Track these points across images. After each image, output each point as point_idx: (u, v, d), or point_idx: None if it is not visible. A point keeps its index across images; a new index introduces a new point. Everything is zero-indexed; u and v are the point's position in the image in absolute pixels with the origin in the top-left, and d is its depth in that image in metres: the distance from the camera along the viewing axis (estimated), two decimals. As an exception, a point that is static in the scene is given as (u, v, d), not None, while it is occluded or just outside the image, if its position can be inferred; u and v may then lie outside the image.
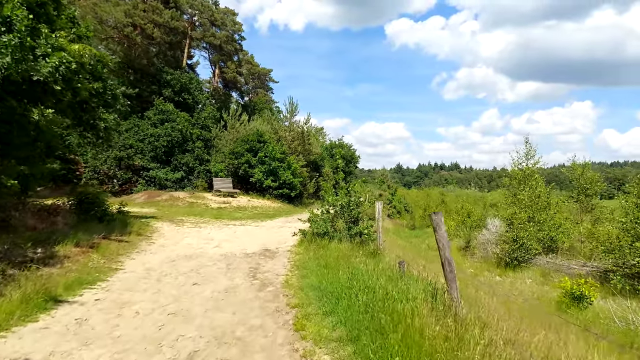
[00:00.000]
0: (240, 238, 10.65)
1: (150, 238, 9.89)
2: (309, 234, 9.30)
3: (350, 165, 37.76)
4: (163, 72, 25.35)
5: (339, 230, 9.23)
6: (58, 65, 7.39)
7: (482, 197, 42.41)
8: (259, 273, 6.73)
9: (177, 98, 25.31)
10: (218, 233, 11.39)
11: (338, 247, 8.05)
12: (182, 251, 8.48)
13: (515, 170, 14.49)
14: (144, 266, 6.95)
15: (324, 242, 8.69)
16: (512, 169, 14.83)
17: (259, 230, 12.43)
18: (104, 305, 4.83)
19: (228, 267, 7.13)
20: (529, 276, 10.02)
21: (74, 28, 10.62)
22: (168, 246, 8.99)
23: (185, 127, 24.24)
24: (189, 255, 8.04)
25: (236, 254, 8.44)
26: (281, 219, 16.69)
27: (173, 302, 5.04)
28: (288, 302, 5.03)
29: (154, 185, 23.53)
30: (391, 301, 3.82)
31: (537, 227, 10.60)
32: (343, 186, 9.71)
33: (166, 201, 20.51)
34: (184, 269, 6.80)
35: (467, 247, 12.92)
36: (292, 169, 24.19)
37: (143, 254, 8.01)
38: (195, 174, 24.59)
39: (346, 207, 9.17)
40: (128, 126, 24.15)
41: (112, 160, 22.92)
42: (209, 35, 33.61)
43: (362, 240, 8.78)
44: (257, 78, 45.31)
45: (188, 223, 13.34)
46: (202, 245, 9.26)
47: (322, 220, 9.29)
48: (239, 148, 23.92)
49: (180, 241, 9.75)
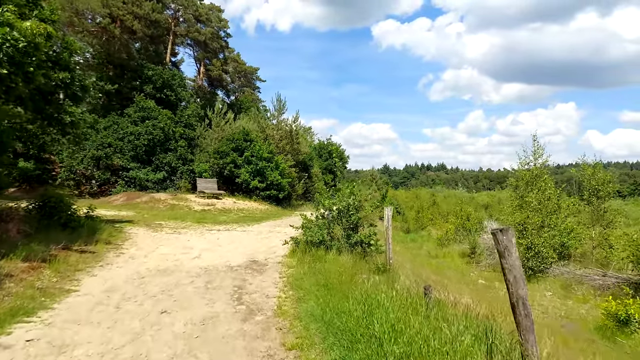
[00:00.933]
0: (223, 246, 9.39)
1: (120, 247, 8.56)
2: (302, 243, 8.11)
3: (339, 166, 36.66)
4: (144, 67, 23.81)
5: (337, 239, 8.07)
6: (1, 43, 6.06)
7: (471, 198, 41.78)
8: (245, 294, 5.51)
9: (159, 95, 23.80)
10: (199, 240, 10.10)
11: (337, 260, 6.88)
12: (155, 264, 7.19)
13: (522, 171, 13.54)
14: (105, 285, 5.65)
15: (320, 252, 7.51)
16: (519, 169, 13.86)
17: (246, 237, 11.17)
18: (35, 350, 3.55)
19: (208, 285, 5.89)
20: (547, 288, 9.02)
21: (36, 10, 9.21)
22: (139, 257, 7.69)
23: (168, 125, 22.77)
24: (163, 270, 6.76)
25: (218, 267, 7.19)
26: (269, 223, 15.44)
27: (131, 341, 3.80)
28: (283, 341, 3.83)
29: (134, 186, 22.01)
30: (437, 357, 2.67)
31: (552, 233, 9.63)
32: (342, 187, 8.54)
33: (146, 203, 19.05)
34: (154, 289, 5.53)
35: (472, 253, 11.91)
36: (280, 169, 22.93)
37: (107, 269, 6.70)
38: (178, 174, 23.14)
39: (345, 211, 8.01)
40: (107, 124, 22.56)
41: (88, 159, 21.32)
42: (194, 31, 32.10)
43: (365, 250, 7.63)
44: (244, 77, 43.87)
45: (167, 228, 12.00)
46: (179, 256, 7.98)
47: (317, 227, 8.10)
48: (224, 147, 22.54)
49: (154, 251, 8.44)
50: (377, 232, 7.80)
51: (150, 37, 25.59)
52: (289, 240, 8.36)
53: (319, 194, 8.37)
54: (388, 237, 5.95)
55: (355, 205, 7.98)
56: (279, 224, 15.02)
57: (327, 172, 33.67)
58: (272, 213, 19.96)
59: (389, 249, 5.83)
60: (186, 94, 25.91)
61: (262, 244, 9.94)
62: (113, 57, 23.57)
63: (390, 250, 5.92)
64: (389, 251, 5.87)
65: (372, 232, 7.64)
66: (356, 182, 8.57)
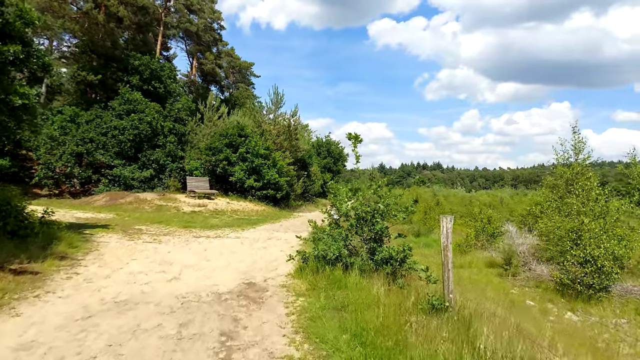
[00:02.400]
0: (212, 260, 7.41)
1: (78, 264, 6.55)
2: (311, 259, 6.17)
3: (339, 164, 34.73)
4: (130, 56, 21.68)
5: (357, 253, 6.15)
6: None
7: (471, 197, 40.09)
8: (236, 350, 3.56)
9: (146, 86, 21.66)
10: (182, 252, 8.11)
11: (363, 286, 4.97)
12: (115, 290, 5.21)
13: (561, 168, 11.67)
14: (23, 336, 3.66)
15: (337, 273, 5.58)
16: (558, 166, 11.99)
17: (239, 246, 9.20)
18: None
19: (182, 331, 3.92)
20: (617, 313, 7.16)
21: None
22: (97, 280, 5.69)
23: (156, 119, 20.65)
24: (124, 302, 4.79)
25: (202, 294, 5.23)
26: (267, 226, 13.48)
27: None
28: None
29: (118, 186, 19.90)
30: None
31: (613, 242, 7.79)
32: (364, 187, 6.65)
33: (130, 204, 16.98)
34: (97, 344, 3.56)
35: (507, 264, 10.02)
36: (277, 166, 20.95)
37: (44, 301, 4.70)
38: (167, 172, 21.04)
39: (369, 217, 6.09)
40: (89, 117, 20.42)
41: (68, 156, 19.16)
42: (185, 21, 29.98)
43: (395, 272, 5.70)
44: (238, 72, 41.81)
45: (147, 235, 10.00)
46: (152, 277, 6.01)
47: (332, 238, 6.17)
48: (217, 143, 20.50)
49: (122, 268, 6.45)
50: (410, 245, 5.88)
51: (137, 24, 23.43)
52: (295, 256, 6.42)
53: (333, 196, 6.31)
54: (447, 261, 3.97)
55: (383, 210, 6.06)
56: (277, 228, 13.08)
57: (325, 171, 31.73)
58: (270, 215, 17.98)
59: (448, 277, 3.90)
60: (176, 86, 23.78)
61: (259, 256, 7.98)
62: (97, 45, 21.39)
63: (450, 280, 3.96)
64: (449, 282, 3.93)
65: (408, 246, 5.71)
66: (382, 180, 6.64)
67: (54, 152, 19.31)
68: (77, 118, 20.19)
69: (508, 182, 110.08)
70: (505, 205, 34.57)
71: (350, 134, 6.44)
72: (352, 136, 6.45)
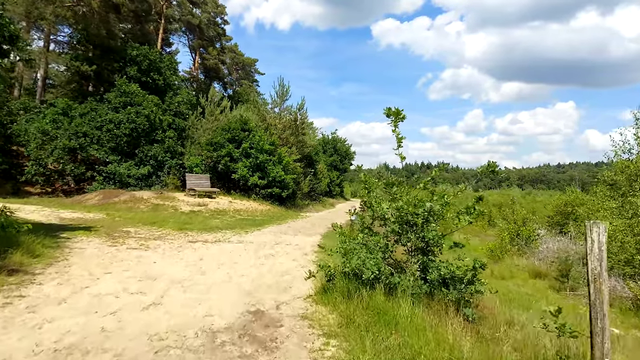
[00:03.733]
0: (207, 274, 5.74)
1: (29, 281, 4.88)
2: (338, 277, 4.51)
3: (345, 162, 32.99)
4: (127, 46, 20.04)
5: (401, 269, 4.48)
6: None
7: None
8: None
9: (144, 78, 20.02)
10: (171, 262, 6.45)
11: (427, 326, 3.29)
12: (63, 327, 3.54)
13: (623, 162, 9.90)
14: None
15: (378, 299, 3.90)
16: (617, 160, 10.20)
17: (243, 254, 7.53)
18: None
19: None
20: None
21: None
22: (44, 308, 4.02)
23: (154, 112, 19.00)
24: (67, 348, 3.11)
25: (188, 334, 3.56)
26: (273, 228, 11.82)
27: None
28: None
29: (113, 183, 18.27)
30: None
31: None
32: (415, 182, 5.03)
33: (125, 203, 15.35)
34: None
35: (564, 276, 8.31)
36: (283, 163, 19.27)
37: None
38: (166, 169, 19.38)
39: (419, 221, 4.42)
40: (83, 110, 18.79)
41: (59, 151, 17.56)
42: (187, 14, 28.35)
43: (461, 297, 4.02)
44: (242, 69, 40.15)
45: (134, 239, 8.34)
46: (123, 302, 4.33)
47: (366, 249, 4.50)
48: (218, 138, 18.84)
49: (86, 288, 4.78)
50: (483, 261, 4.20)
51: (135, 12, 21.80)
52: (316, 272, 4.75)
53: (367, 193, 4.52)
54: (601, 300, 2.29)
55: (438, 211, 4.39)
56: (285, 231, 11.42)
57: (332, 169, 30.03)
58: (275, 215, 16.32)
59: (602, 329, 2.23)
60: (176, 78, 22.14)
61: (267, 268, 6.32)
62: (91, 35, 19.79)
63: (606, 333, 2.28)
64: (603, 336, 2.23)
65: (477, 261, 4.03)
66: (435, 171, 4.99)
67: (45, 147, 17.73)
68: (71, 111, 18.59)
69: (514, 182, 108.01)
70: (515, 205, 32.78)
71: (390, 109, 4.78)
72: (391, 112, 4.78)
